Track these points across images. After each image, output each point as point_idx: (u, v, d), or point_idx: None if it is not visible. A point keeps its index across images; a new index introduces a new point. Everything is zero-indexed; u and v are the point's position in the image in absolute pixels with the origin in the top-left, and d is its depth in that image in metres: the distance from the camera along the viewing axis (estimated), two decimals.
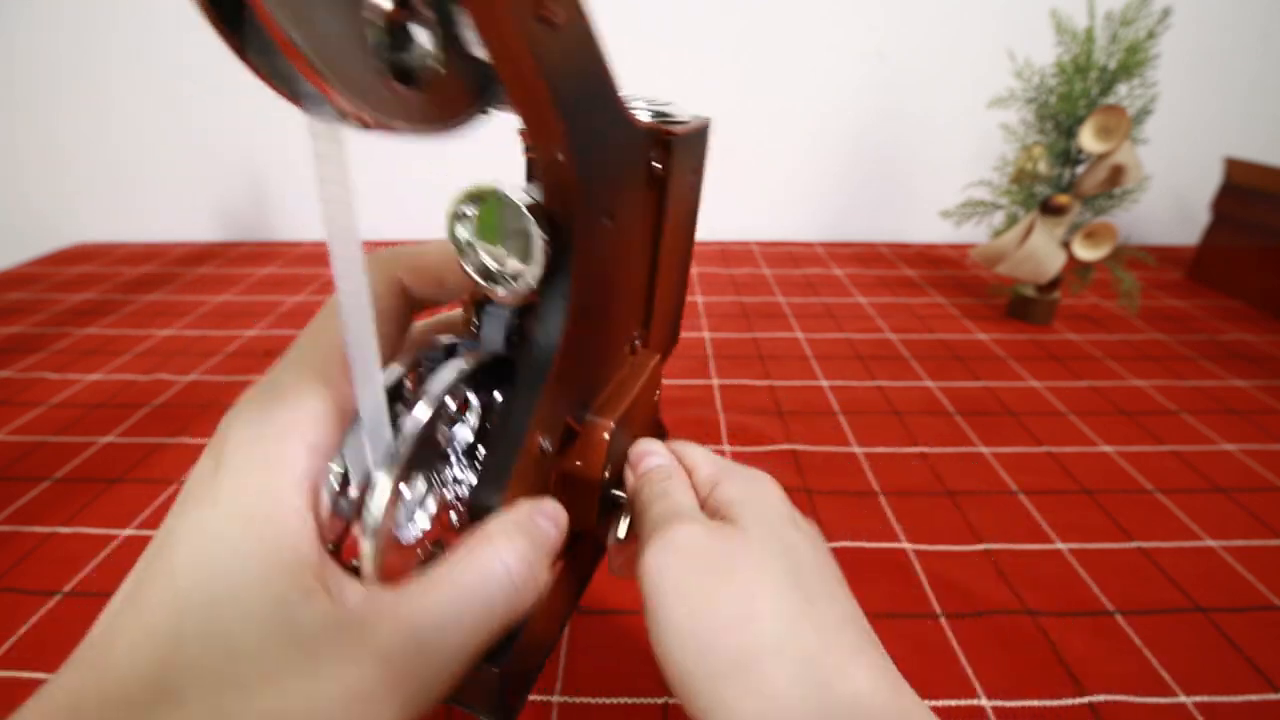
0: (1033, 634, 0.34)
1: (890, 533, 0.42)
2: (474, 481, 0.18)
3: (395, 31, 0.12)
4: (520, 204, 0.16)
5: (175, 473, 0.47)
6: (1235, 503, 0.45)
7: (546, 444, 0.19)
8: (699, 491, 0.23)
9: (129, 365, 0.63)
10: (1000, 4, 0.89)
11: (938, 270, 0.91)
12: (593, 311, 0.20)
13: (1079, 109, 0.63)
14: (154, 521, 0.42)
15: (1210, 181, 0.83)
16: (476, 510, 0.18)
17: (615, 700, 0.31)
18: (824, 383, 0.60)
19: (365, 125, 0.12)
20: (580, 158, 0.16)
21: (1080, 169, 0.66)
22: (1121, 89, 0.63)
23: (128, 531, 0.42)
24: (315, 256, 0.97)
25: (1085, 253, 0.67)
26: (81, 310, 0.77)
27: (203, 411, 0.55)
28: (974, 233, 0.79)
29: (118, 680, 0.13)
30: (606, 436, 0.21)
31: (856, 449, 0.50)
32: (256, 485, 0.14)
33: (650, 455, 0.23)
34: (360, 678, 0.14)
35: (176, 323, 0.74)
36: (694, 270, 0.89)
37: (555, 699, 0.31)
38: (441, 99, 0.14)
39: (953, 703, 0.31)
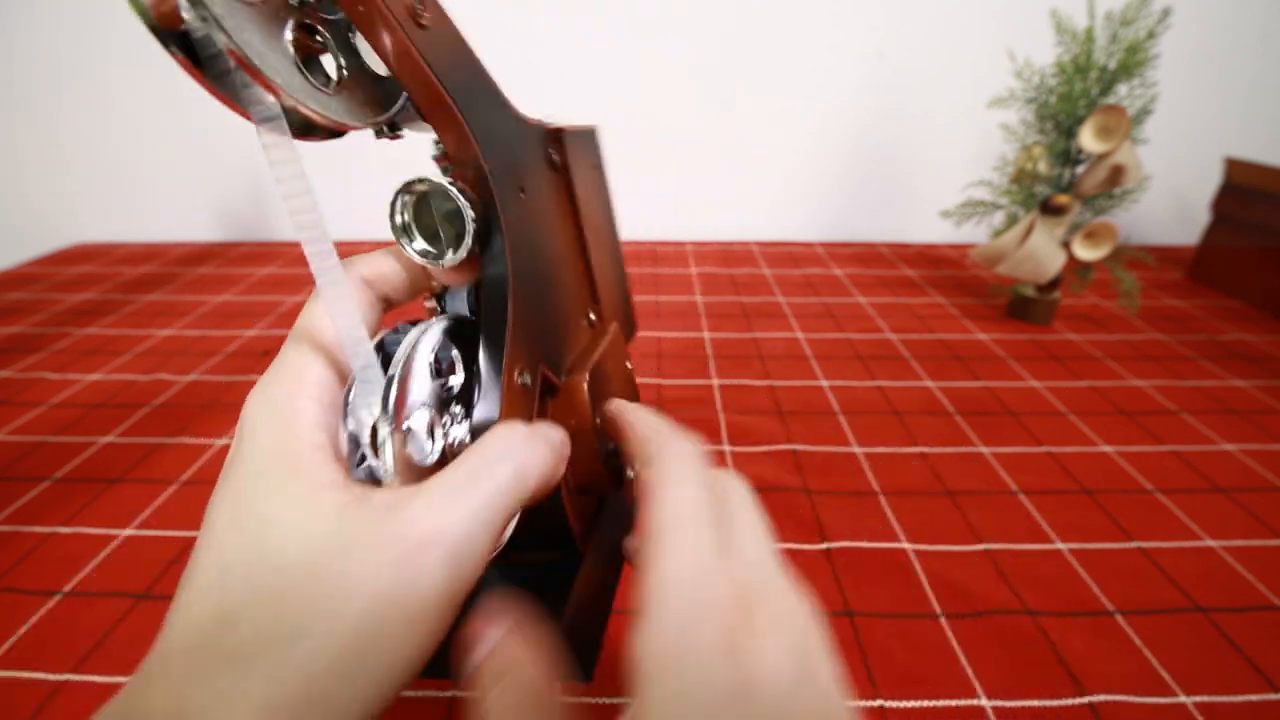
0: (1033, 634, 0.34)
1: (890, 533, 0.42)
2: (471, 422, 0.20)
3: (308, 58, 0.17)
4: (446, 184, 0.19)
5: (175, 473, 0.47)
6: (1235, 503, 0.45)
7: (524, 379, 0.21)
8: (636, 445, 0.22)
9: (129, 365, 0.63)
10: (1000, 4, 0.89)
11: (938, 270, 0.91)
12: (534, 273, 0.22)
13: (1079, 109, 0.63)
14: (154, 521, 0.42)
15: (1210, 181, 0.84)
16: (478, 434, 0.20)
17: (616, 701, 0.31)
18: (824, 383, 0.60)
19: (307, 122, 0.16)
20: (482, 140, 0.19)
21: (1080, 169, 0.66)
22: (1121, 89, 0.63)
23: (128, 531, 0.42)
24: None
25: (1085, 253, 0.67)
26: (81, 310, 0.77)
27: (203, 411, 0.55)
28: (974, 233, 0.79)
29: (186, 629, 0.14)
30: (585, 385, 0.23)
31: (856, 449, 0.50)
32: (274, 437, 0.16)
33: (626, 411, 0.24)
34: (397, 555, 0.14)
35: (176, 323, 0.74)
36: (694, 270, 0.89)
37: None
38: (358, 100, 0.18)
39: (953, 703, 0.31)
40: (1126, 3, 0.61)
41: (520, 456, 0.17)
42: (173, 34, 0.14)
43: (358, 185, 1.03)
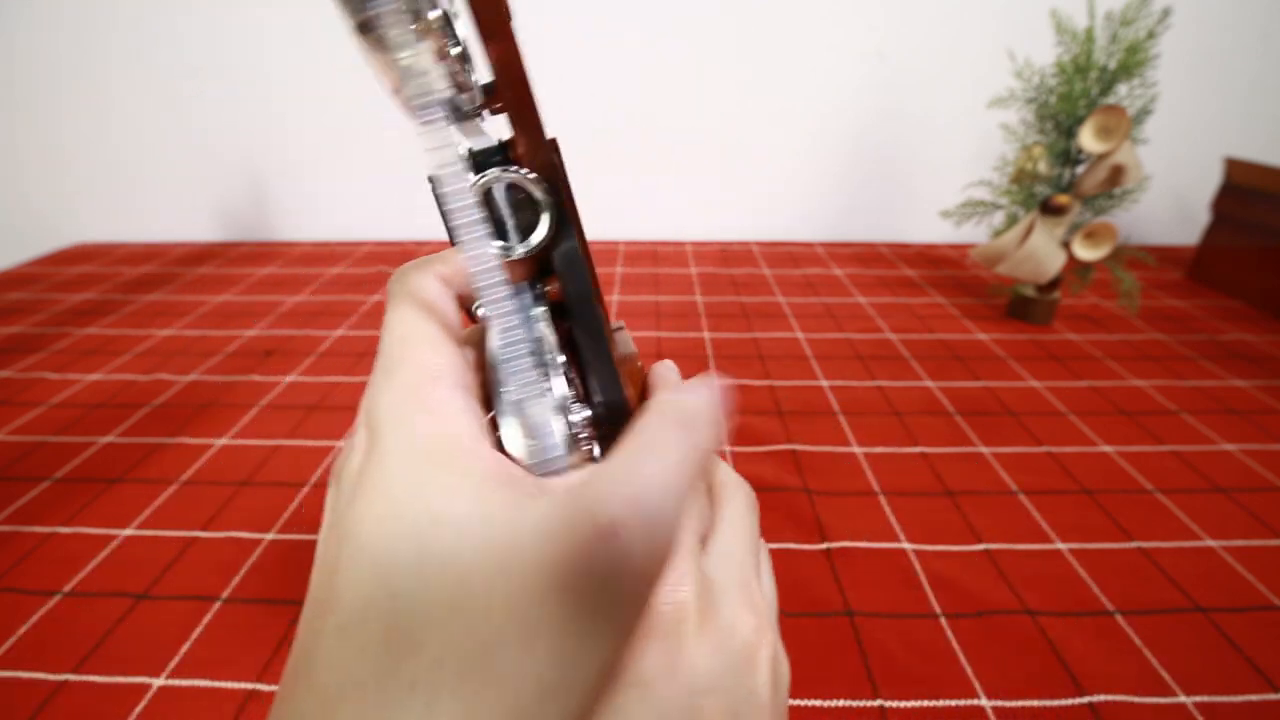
0: (1033, 634, 0.34)
1: (890, 533, 0.42)
2: (597, 398, 0.20)
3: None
4: (522, 175, 0.20)
5: (175, 473, 0.47)
6: (1235, 503, 0.45)
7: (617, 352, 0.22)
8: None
9: (129, 365, 0.63)
10: (1000, 4, 0.89)
11: (938, 270, 0.91)
12: (589, 255, 0.23)
13: (1079, 109, 0.63)
14: (154, 521, 0.42)
15: (1210, 181, 0.83)
16: (611, 411, 0.20)
17: None
18: (824, 383, 0.60)
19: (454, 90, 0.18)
20: (550, 135, 0.21)
21: (1080, 169, 0.66)
22: (1121, 89, 0.63)
23: (128, 531, 0.42)
24: (315, 256, 0.97)
25: (1085, 253, 0.67)
26: (81, 310, 0.77)
27: (203, 411, 0.55)
28: (974, 233, 0.79)
29: (348, 659, 0.12)
30: (640, 364, 0.24)
31: (856, 449, 0.50)
32: (423, 427, 0.14)
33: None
34: (590, 542, 0.12)
35: (176, 323, 0.74)
36: (694, 270, 0.90)
37: None
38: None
39: (953, 703, 0.31)
40: (1126, 3, 0.61)
41: (692, 419, 0.14)
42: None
43: (355, 186, 1.03)
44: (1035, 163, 0.67)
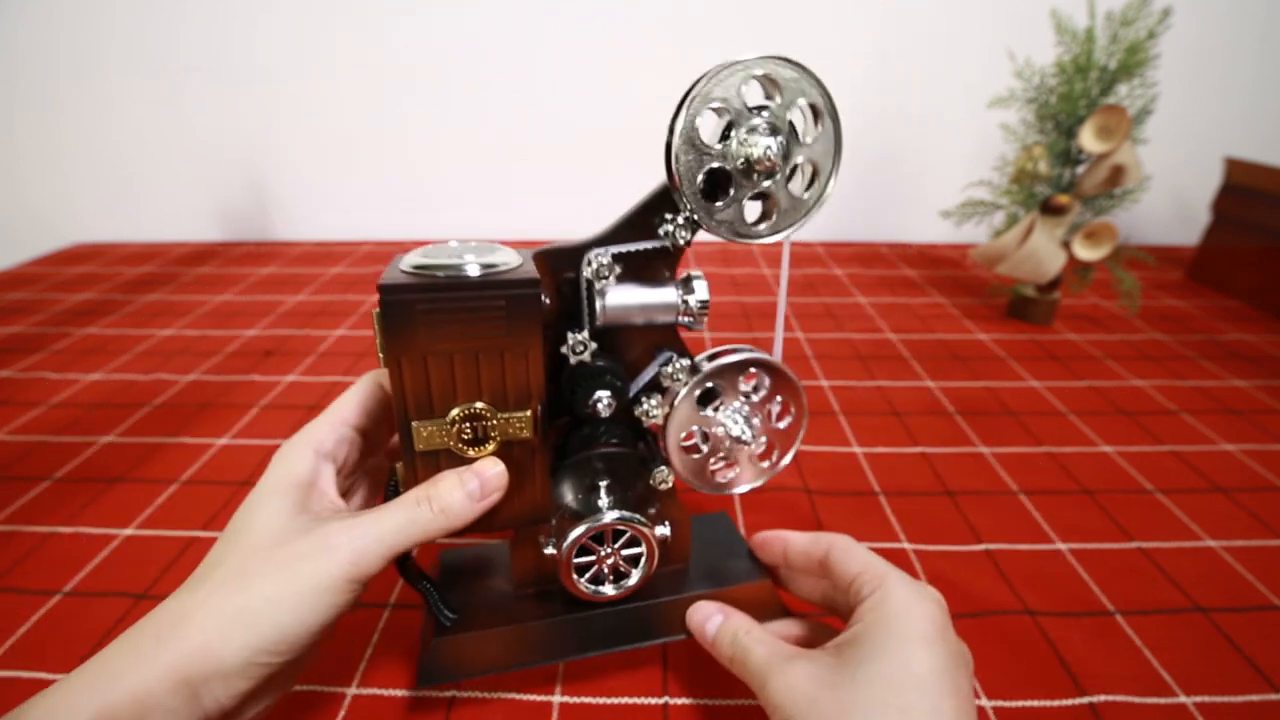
0: (1033, 634, 0.34)
1: (891, 533, 0.42)
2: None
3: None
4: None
5: (175, 473, 0.47)
6: (1235, 503, 0.45)
7: None
8: (848, 583, 0.27)
9: (129, 365, 0.63)
10: (1000, 4, 0.89)
11: (938, 270, 0.91)
12: None
13: (1079, 109, 0.63)
14: (154, 521, 0.42)
15: (1210, 181, 0.83)
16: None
17: (616, 701, 0.31)
18: (824, 383, 0.60)
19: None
20: None
21: (1080, 169, 0.66)
22: (1122, 89, 0.63)
23: (128, 531, 0.42)
24: (315, 256, 0.97)
25: (1085, 253, 0.67)
26: (81, 310, 0.77)
27: (202, 411, 0.55)
28: (974, 233, 0.79)
29: (201, 567, 0.24)
30: None
31: (857, 449, 0.50)
32: (277, 469, 0.26)
33: (708, 620, 0.29)
34: (313, 548, 0.23)
35: (176, 322, 0.74)
36: (694, 270, 0.90)
37: (556, 699, 0.31)
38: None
39: None
40: (1127, 2, 0.61)
41: (420, 500, 0.25)
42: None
43: (355, 186, 1.03)
44: (1035, 163, 0.67)
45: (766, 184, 0.25)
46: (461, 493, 0.25)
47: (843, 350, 0.67)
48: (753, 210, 0.27)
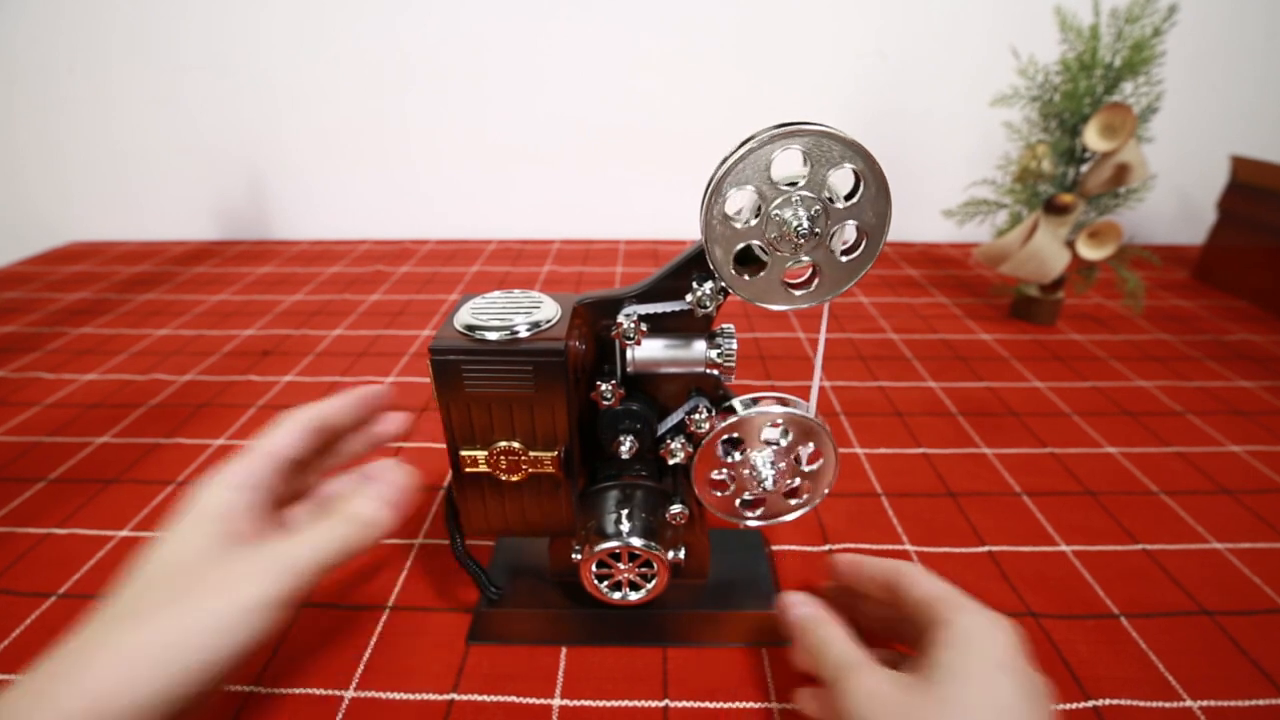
0: (1036, 637, 0.34)
1: (893, 534, 0.41)
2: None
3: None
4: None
5: (172, 473, 0.47)
6: (1241, 505, 0.44)
7: None
8: (921, 609, 0.27)
9: (125, 365, 0.63)
10: (1003, 1, 0.89)
11: (940, 270, 0.90)
12: None
13: (1083, 107, 0.63)
14: (150, 522, 0.42)
15: (1216, 180, 0.83)
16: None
17: (616, 704, 0.31)
18: (825, 383, 0.60)
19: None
20: None
21: (1085, 167, 0.66)
22: (1127, 87, 0.63)
23: (124, 532, 0.41)
24: (312, 255, 0.96)
25: (1089, 252, 0.67)
26: (77, 309, 0.77)
27: (199, 411, 0.55)
28: (977, 232, 0.78)
29: (116, 599, 0.23)
30: None
31: (859, 450, 0.50)
32: (190, 504, 0.26)
33: (798, 605, 0.30)
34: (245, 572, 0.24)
35: (173, 322, 0.73)
36: None
37: (555, 703, 0.31)
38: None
39: None
40: (1131, 0, 0.61)
41: (349, 519, 0.27)
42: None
43: (353, 185, 1.02)
44: (1039, 161, 0.67)
45: (805, 257, 0.26)
46: (375, 503, 0.28)
47: (844, 350, 0.66)
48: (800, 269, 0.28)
